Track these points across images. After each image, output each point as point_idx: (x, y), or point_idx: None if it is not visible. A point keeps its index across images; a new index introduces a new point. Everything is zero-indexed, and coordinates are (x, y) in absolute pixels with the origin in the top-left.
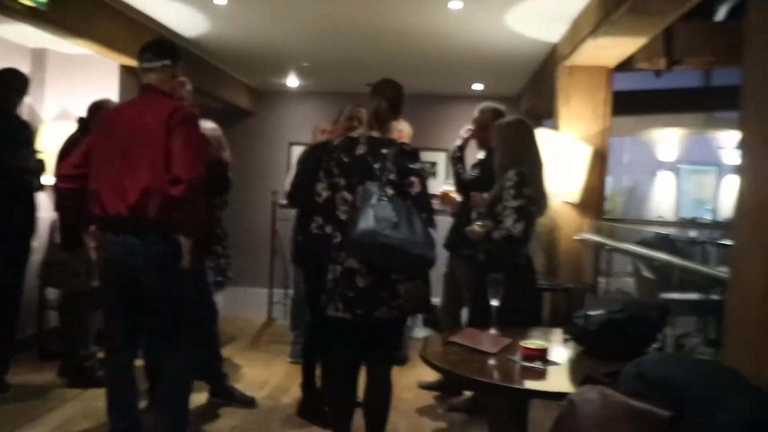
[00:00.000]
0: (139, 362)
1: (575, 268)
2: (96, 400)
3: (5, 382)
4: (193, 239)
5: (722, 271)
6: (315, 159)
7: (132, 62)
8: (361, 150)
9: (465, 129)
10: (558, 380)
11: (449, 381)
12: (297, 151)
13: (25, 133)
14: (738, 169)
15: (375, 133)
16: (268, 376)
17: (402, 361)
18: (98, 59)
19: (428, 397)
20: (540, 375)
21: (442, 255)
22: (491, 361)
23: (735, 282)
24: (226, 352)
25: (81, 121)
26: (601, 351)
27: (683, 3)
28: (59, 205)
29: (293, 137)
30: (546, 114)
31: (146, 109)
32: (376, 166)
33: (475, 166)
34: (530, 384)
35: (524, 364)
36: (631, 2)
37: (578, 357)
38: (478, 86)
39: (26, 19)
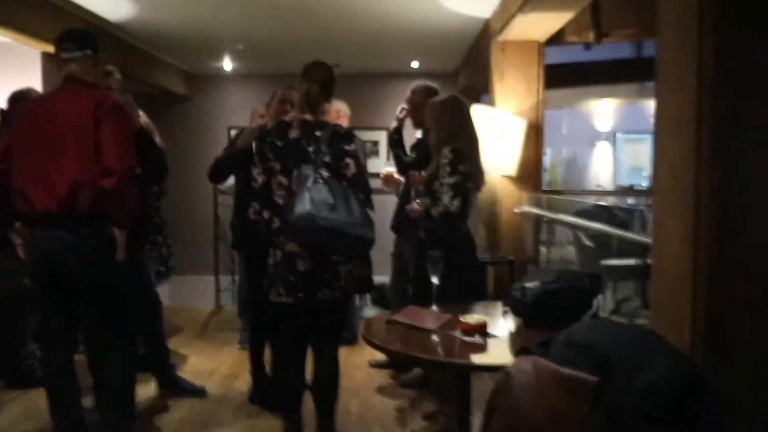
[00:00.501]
0: (80, 357)
1: (517, 240)
2: (38, 400)
3: None
4: (128, 231)
5: (648, 238)
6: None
7: (52, 49)
8: (294, 133)
9: (400, 110)
10: (497, 353)
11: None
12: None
13: None
14: (654, 139)
15: (307, 116)
16: (217, 364)
17: (352, 341)
18: (17, 47)
19: (379, 376)
20: (480, 348)
21: (389, 236)
22: (433, 338)
23: (656, 248)
24: (173, 342)
25: (1, 113)
26: (538, 321)
27: None
28: None
29: (232, 121)
30: (484, 89)
31: (70, 101)
32: (311, 149)
33: (413, 147)
34: (471, 358)
35: (464, 339)
36: None
37: (517, 329)
38: (415, 64)
39: None
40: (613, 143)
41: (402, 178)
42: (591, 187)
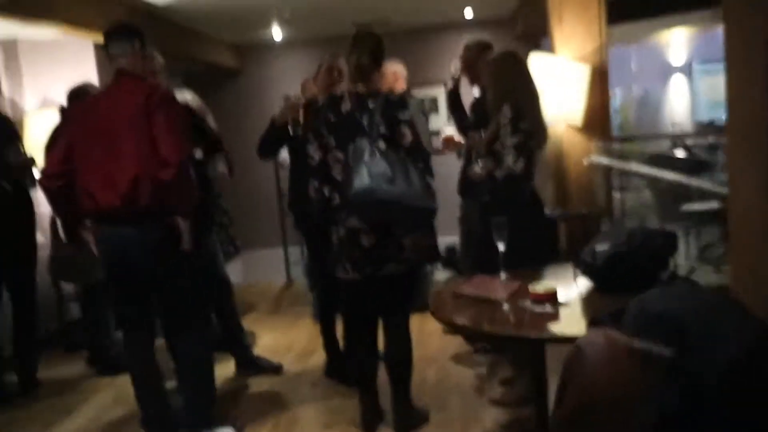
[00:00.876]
0: (160, 342)
1: (588, 192)
2: (127, 386)
3: (36, 379)
4: (191, 219)
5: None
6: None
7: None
8: (346, 107)
9: (454, 68)
10: (569, 322)
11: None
12: None
13: (6, 130)
14: (725, 70)
15: (359, 87)
16: (292, 340)
17: (424, 307)
18: (71, 42)
19: (455, 342)
20: (551, 318)
21: (455, 197)
22: (501, 310)
23: (732, 200)
24: (247, 321)
25: (62, 110)
26: (610, 285)
27: None
28: (53, 204)
29: (285, 91)
30: (543, 33)
31: (122, 95)
32: (364, 121)
33: (472, 106)
34: (542, 329)
35: (534, 308)
36: None
37: (589, 294)
38: (469, 12)
39: None
40: (689, 76)
41: (463, 140)
42: (666, 127)
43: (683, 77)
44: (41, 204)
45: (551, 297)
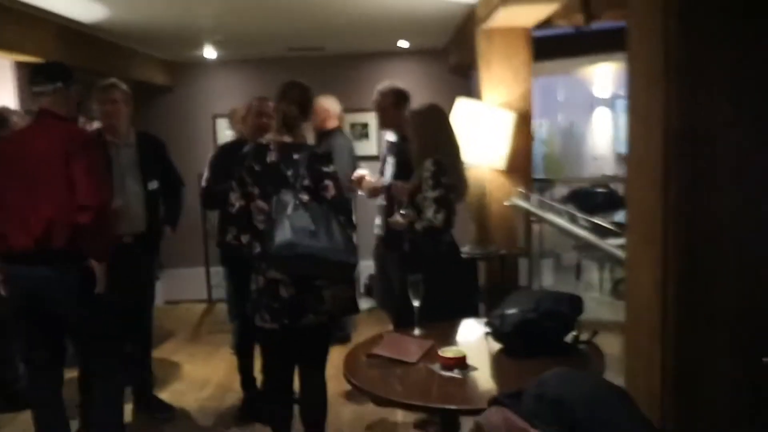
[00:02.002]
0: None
1: (508, 232)
2: (30, 423)
3: None
4: (105, 262)
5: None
6: (226, 159)
7: (26, 58)
8: (272, 157)
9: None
10: (474, 393)
11: None
12: (222, 125)
13: None
14: (626, 108)
15: (286, 138)
16: (210, 372)
17: (345, 339)
18: None
19: None
20: (459, 383)
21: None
22: (412, 373)
23: (630, 299)
24: (165, 349)
25: None
26: (518, 350)
27: None
28: None
29: (217, 109)
30: (472, 65)
31: (42, 135)
32: (289, 173)
33: (389, 149)
34: (444, 402)
35: (443, 374)
36: None
37: (498, 356)
38: (403, 42)
39: None
40: (613, 109)
41: (382, 180)
42: (589, 160)
43: (607, 110)
44: None
45: (460, 362)
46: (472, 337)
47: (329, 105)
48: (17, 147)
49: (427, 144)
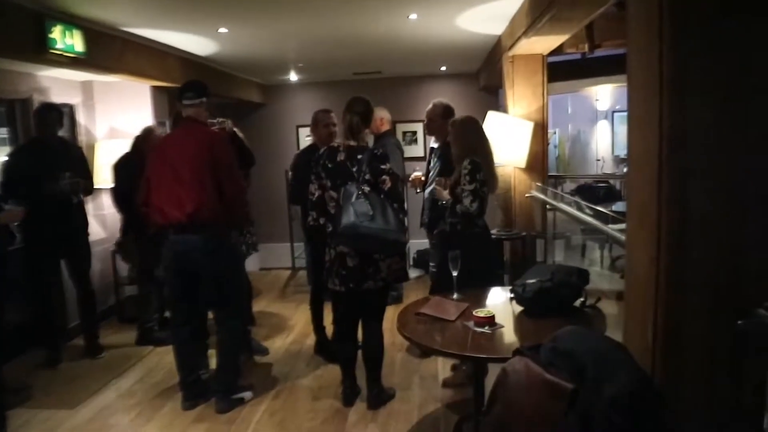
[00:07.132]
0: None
1: (528, 218)
2: (164, 355)
3: (99, 344)
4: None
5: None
6: (303, 164)
7: (159, 83)
8: (341, 156)
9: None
10: (501, 345)
11: None
12: (303, 132)
13: (65, 158)
14: (627, 124)
15: (351, 142)
16: (293, 322)
17: (398, 299)
18: (133, 83)
19: None
20: (488, 338)
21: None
22: (451, 329)
23: (628, 271)
24: (260, 304)
25: (136, 139)
26: (537, 311)
27: (593, 11)
28: (144, 219)
29: (299, 120)
30: (499, 86)
31: (190, 136)
32: (354, 169)
33: (431, 153)
34: (478, 352)
35: (476, 329)
36: (550, 14)
37: (520, 317)
38: (444, 67)
39: (71, 66)
40: (611, 120)
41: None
42: (593, 160)
43: (606, 122)
44: (106, 207)
45: (490, 320)
46: (499, 301)
47: (383, 114)
48: (171, 146)
49: (465, 147)
